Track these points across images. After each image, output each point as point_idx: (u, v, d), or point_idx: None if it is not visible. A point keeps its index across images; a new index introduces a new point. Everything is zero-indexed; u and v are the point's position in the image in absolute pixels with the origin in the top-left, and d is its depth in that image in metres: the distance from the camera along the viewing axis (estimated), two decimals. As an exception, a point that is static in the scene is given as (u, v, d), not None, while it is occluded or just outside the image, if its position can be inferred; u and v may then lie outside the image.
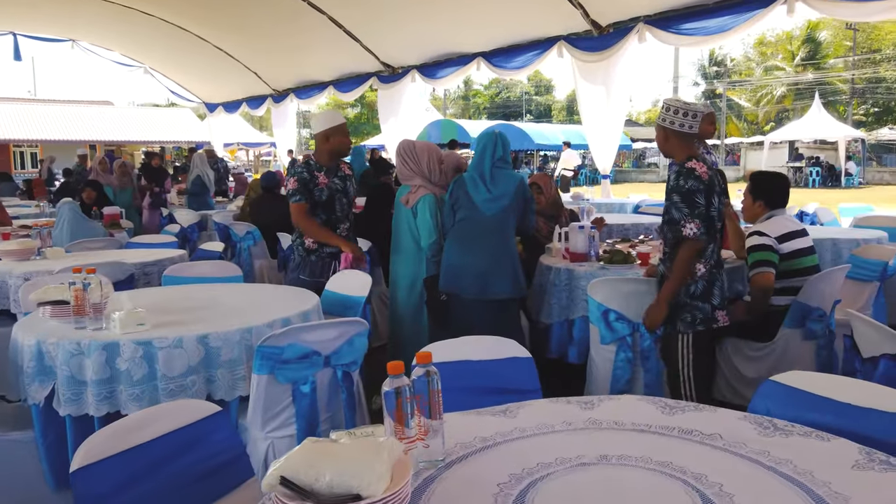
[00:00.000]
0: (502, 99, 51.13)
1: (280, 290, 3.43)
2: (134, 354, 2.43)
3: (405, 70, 11.67)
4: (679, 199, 2.90)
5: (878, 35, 42.06)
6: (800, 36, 42.37)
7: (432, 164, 3.89)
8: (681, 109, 3.00)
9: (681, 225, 2.89)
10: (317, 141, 3.94)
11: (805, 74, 41.32)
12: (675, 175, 2.98)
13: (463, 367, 2.02)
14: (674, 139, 3.02)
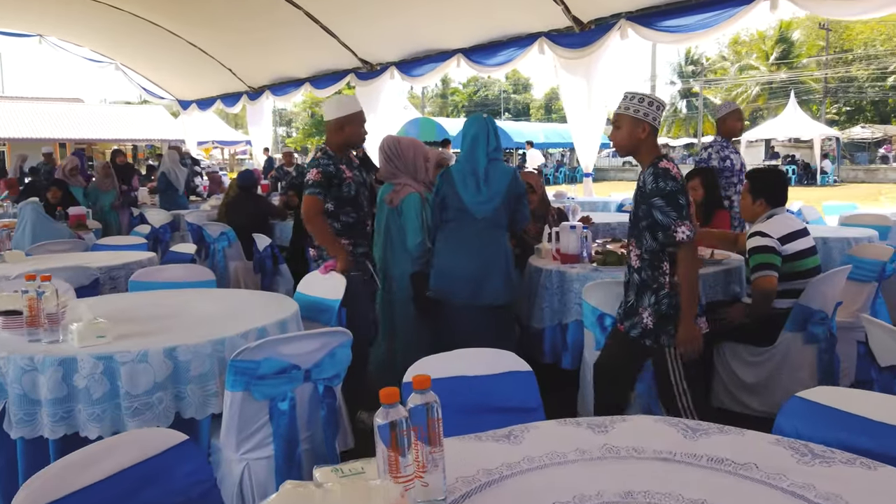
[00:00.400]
0: (480, 97, 51.03)
1: (256, 296, 3.21)
2: (93, 370, 2.21)
3: (383, 67, 11.49)
4: (664, 203, 2.61)
5: (849, 35, 42.69)
6: (773, 35, 42.84)
7: (418, 161, 3.70)
8: (646, 98, 2.68)
9: (672, 230, 2.59)
10: (329, 130, 3.53)
11: (779, 74, 41.78)
12: (651, 177, 2.65)
13: (458, 384, 1.84)
14: (637, 132, 2.67)
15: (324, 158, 3.44)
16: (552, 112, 49.93)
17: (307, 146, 42.76)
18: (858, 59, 41.39)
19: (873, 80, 40.92)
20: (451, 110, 50.08)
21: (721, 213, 4.33)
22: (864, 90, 41.64)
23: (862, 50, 41.64)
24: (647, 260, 2.73)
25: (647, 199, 2.67)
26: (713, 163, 4.82)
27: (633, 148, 2.72)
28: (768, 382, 3.32)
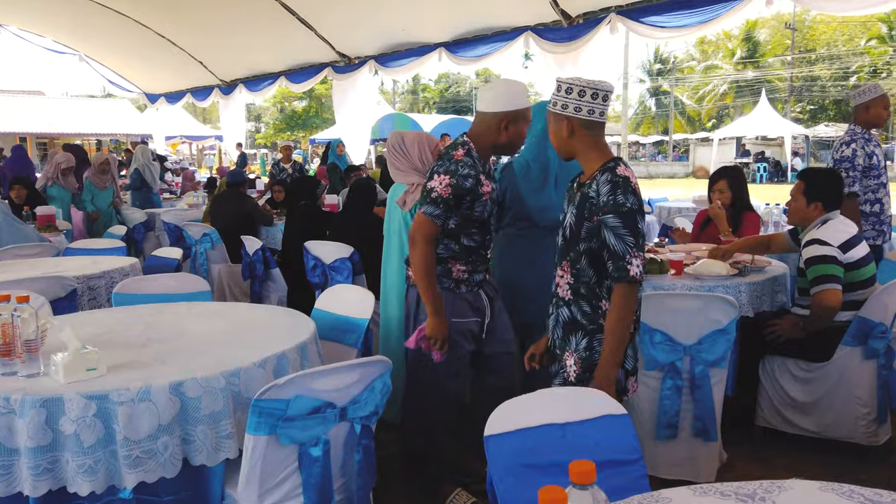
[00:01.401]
0: (452, 94, 50.64)
1: (262, 311, 2.83)
2: (84, 412, 1.82)
3: (362, 60, 11.12)
4: (620, 224, 2.01)
5: (813, 35, 43.43)
6: (739, 35, 43.36)
7: (424, 155, 3.35)
8: (563, 85, 2.11)
9: (626, 262, 2.01)
10: (484, 124, 2.60)
11: (745, 72, 42.30)
12: (608, 187, 2.05)
13: (550, 435, 1.51)
14: (560, 131, 2.16)
15: (466, 162, 2.52)
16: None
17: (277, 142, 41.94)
18: (822, 59, 42.13)
19: (836, 79, 41.68)
20: (422, 106, 49.64)
21: (750, 215, 4.07)
22: (826, 89, 42.38)
23: (825, 50, 42.38)
24: (584, 294, 2.16)
25: (596, 213, 2.06)
26: (858, 160, 4.10)
27: (567, 150, 2.20)
28: (822, 401, 3.07)
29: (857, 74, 40.31)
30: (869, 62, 40.52)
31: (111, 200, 7.67)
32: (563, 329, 2.22)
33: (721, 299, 2.72)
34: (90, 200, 7.40)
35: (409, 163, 3.34)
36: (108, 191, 7.68)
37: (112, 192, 7.74)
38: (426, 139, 3.38)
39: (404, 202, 3.27)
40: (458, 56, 9.85)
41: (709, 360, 2.76)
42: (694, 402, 2.79)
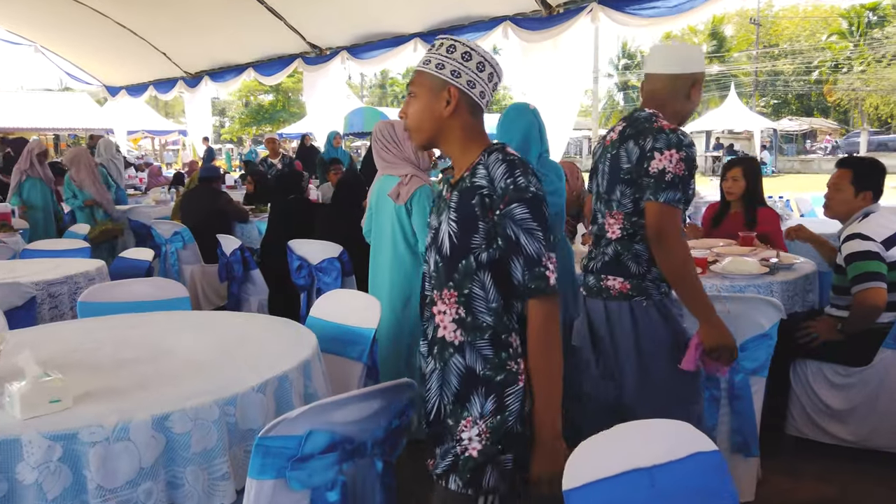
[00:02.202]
0: (420, 88, 50.13)
1: (253, 322, 2.49)
2: (48, 457, 1.49)
3: (333, 52, 10.83)
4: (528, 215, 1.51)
5: (776, 31, 44.10)
6: (704, 30, 43.80)
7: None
8: (487, 64, 1.58)
9: (542, 266, 1.51)
10: (671, 87, 2.16)
11: (711, 67, 42.73)
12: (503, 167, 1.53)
13: (638, 483, 1.23)
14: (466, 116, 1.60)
15: (681, 134, 2.07)
16: (493, 103, 49.58)
17: (242, 137, 41.05)
18: (785, 54, 42.81)
19: (798, 74, 42.39)
20: (390, 100, 49.12)
21: (767, 211, 3.84)
22: (790, 84, 43.08)
23: (788, 45, 43.07)
24: (484, 329, 1.56)
25: (493, 207, 1.53)
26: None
27: (432, 133, 1.62)
28: (860, 408, 2.85)
29: (818, 69, 41.02)
30: (830, 57, 41.27)
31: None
32: (456, 388, 1.58)
33: (765, 301, 2.47)
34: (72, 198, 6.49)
35: (400, 153, 3.04)
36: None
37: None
38: None
39: (398, 194, 2.96)
40: None
41: (749, 367, 2.51)
42: (733, 415, 2.55)
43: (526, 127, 2.83)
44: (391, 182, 3.06)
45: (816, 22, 43.77)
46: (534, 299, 1.52)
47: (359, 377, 2.36)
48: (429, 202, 2.97)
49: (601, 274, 2.15)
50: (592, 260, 2.22)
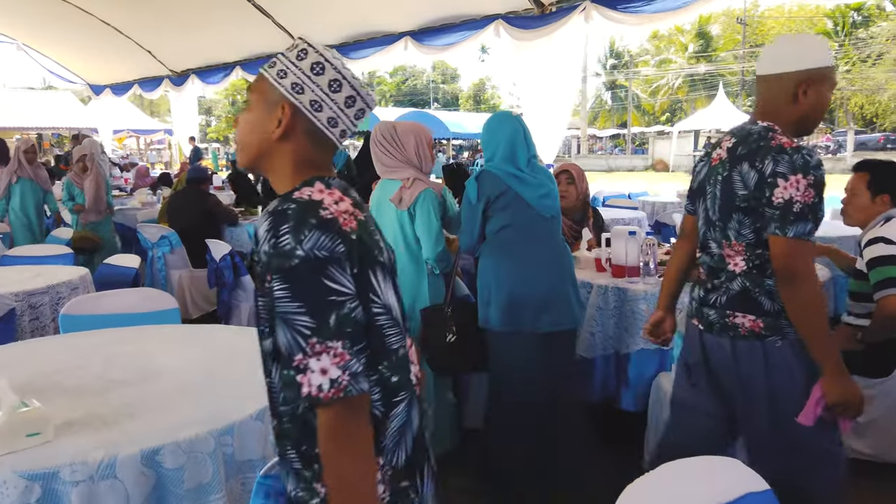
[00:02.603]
0: (409, 87, 50.07)
1: (245, 334, 2.35)
2: (25, 498, 1.34)
3: None
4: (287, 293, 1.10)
5: (762, 30, 44.35)
6: (691, 30, 43.96)
7: (421, 149, 2.93)
8: (345, 83, 1.24)
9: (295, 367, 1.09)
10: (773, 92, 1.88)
11: (698, 67, 42.93)
12: (267, 224, 1.15)
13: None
14: (303, 141, 1.25)
15: (806, 153, 1.79)
16: (480, 102, 49.58)
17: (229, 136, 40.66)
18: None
19: (784, 73, 42.59)
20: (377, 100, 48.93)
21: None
22: (775, 83, 43.28)
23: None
24: (291, 434, 1.21)
25: (262, 279, 1.16)
26: None
27: (257, 154, 1.28)
28: (879, 421, 2.75)
29: (804, 69, 41.22)
30: (816, 57, 41.48)
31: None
32: None
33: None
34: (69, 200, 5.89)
35: (402, 156, 2.91)
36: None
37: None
38: (422, 131, 2.95)
39: (400, 199, 2.83)
40: (425, 45, 9.52)
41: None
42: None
43: (511, 134, 2.73)
44: (392, 186, 2.93)
45: (802, 22, 44.06)
46: (320, 410, 1.10)
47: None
48: (433, 207, 2.84)
49: (726, 310, 1.92)
50: (711, 292, 1.97)
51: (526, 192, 2.65)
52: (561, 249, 2.76)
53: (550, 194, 2.73)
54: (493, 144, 2.77)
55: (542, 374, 2.62)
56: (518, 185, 2.66)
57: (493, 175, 2.69)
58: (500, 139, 2.76)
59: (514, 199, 2.65)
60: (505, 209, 2.65)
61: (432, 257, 2.83)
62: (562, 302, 2.61)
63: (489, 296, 2.67)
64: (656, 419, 2.83)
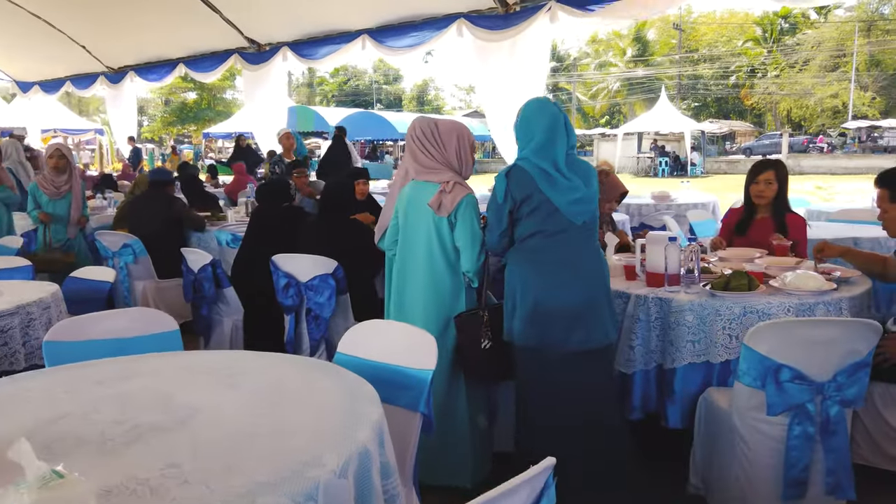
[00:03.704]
0: (351, 87, 49.34)
1: (284, 366, 2.01)
2: None
3: (274, 48, 10.28)
4: None
5: (696, 35, 45.72)
6: (629, 34, 44.93)
7: (463, 151, 2.67)
8: None
9: None
10: None
11: (636, 71, 43.90)
12: None
13: None
14: None
15: None
16: (424, 104, 49.33)
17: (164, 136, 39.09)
18: (705, 59, 44.45)
19: (717, 78, 44.06)
20: (319, 100, 48.05)
21: (795, 218, 3.62)
22: (709, 88, 44.72)
23: (707, 50, 44.73)
24: None
25: None
26: None
27: None
28: (934, 432, 2.64)
29: (736, 74, 42.75)
30: (746, 62, 43.10)
31: (68, 212, 5.19)
32: None
33: (863, 324, 2.21)
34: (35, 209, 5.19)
35: (443, 157, 2.64)
36: (65, 199, 5.18)
37: (69, 203, 5.17)
38: (464, 131, 2.69)
39: (440, 204, 2.55)
40: (385, 45, 9.24)
41: (848, 398, 2.25)
42: (826, 453, 2.27)
43: (550, 123, 2.48)
44: (427, 189, 2.65)
45: (733, 28, 45.64)
46: None
47: (416, 430, 1.95)
48: (476, 215, 2.59)
49: None
50: None
51: (556, 195, 2.42)
52: (596, 258, 2.55)
53: (584, 198, 2.49)
54: (528, 134, 2.53)
55: (572, 396, 2.41)
56: (548, 187, 2.42)
57: (523, 172, 2.46)
58: (537, 129, 2.51)
59: (542, 203, 2.44)
60: (532, 214, 2.44)
61: (473, 269, 2.57)
62: (594, 317, 2.42)
63: (514, 307, 2.46)
64: (703, 436, 2.65)
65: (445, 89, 54.38)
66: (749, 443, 2.36)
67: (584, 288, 2.43)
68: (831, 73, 38.70)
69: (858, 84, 37.13)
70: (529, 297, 2.45)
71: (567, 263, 2.44)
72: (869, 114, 36.17)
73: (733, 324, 2.61)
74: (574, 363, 2.40)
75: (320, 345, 3.54)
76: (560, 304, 2.41)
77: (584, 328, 2.41)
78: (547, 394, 2.43)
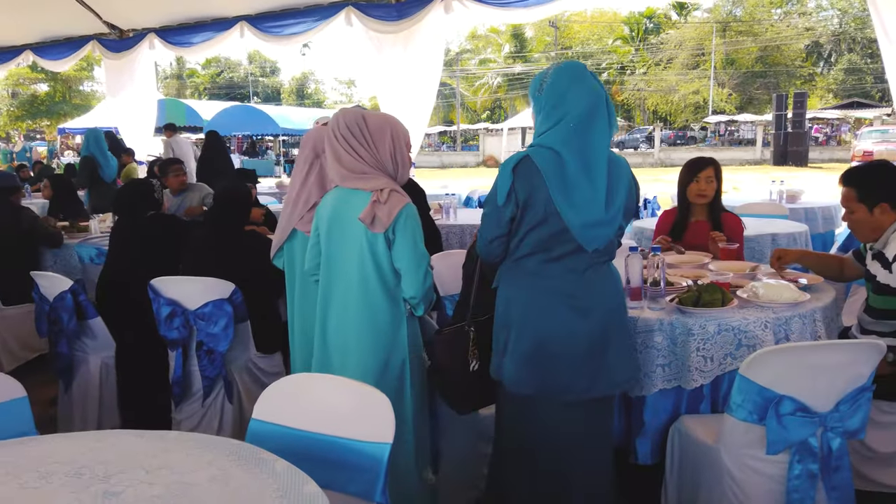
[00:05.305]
0: (225, 79, 46.82)
1: (173, 447, 1.46)
2: None
3: (139, 34, 9.39)
4: None
5: (569, 33, 47.32)
6: (506, 31, 45.78)
7: (399, 151, 2.17)
8: None
9: None
10: None
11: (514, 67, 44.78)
12: None
13: None
14: None
15: None
16: (304, 97, 47.74)
17: (10, 132, 35.29)
18: (578, 56, 46.09)
19: (590, 75, 45.84)
20: (189, 93, 45.28)
21: (732, 217, 3.43)
22: (584, 83, 46.44)
23: (581, 47, 46.41)
24: None
25: None
26: None
27: None
28: (911, 448, 2.47)
29: (607, 71, 44.57)
30: (616, 60, 45.06)
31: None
32: None
33: (872, 346, 1.95)
34: None
35: (374, 159, 2.13)
36: None
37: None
38: (398, 126, 2.18)
39: (373, 217, 2.04)
40: (267, 33, 8.63)
41: (851, 428, 1.99)
42: (829, 491, 2.01)
43: (591, 100, 1.91)
44: (355, 199, 2.11)
45: (603, 27, 47.56)
46: None
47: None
48: (419, 229, 2.10)
49: None
50: None
51: (569, 211, 1.87)
52: (610, 288, 2.05)
53: (603, 221, 1.91)
54: (555, 111, 1.92)
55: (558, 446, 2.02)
56: (562, 197, 1.86)
57: (534, 170, 1.88)
58: (571, 105, 1.90)
59: (549, 217, 1.89)
60: (535, 228, 1.91)
61: (419, 294, 2.09)
62: (600, 362, 1.97)
63: (506, 342, 1.99)
64: (678, 472, 2.34)
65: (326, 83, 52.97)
66: (742, 484, 2.06)
67: (594, 326, 1.96)
68: (693, 70, 41.18)
69: (717, 81, 39.73)
70: (527, 336, 1.97)
71: (575, 295, 1.96)
72: (727, 109, 38.79)
73: (707, 344, 2.30)
74: (570, 414, 1.98)
75: (215, 385, 2.93)
76: (564, 349, 1.95)
77: (589, 376, 1.96)
78: (531, 443, 2.02)
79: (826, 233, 5.93)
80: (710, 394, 2.42)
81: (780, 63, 40.49)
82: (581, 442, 2.02)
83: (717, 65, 40.27)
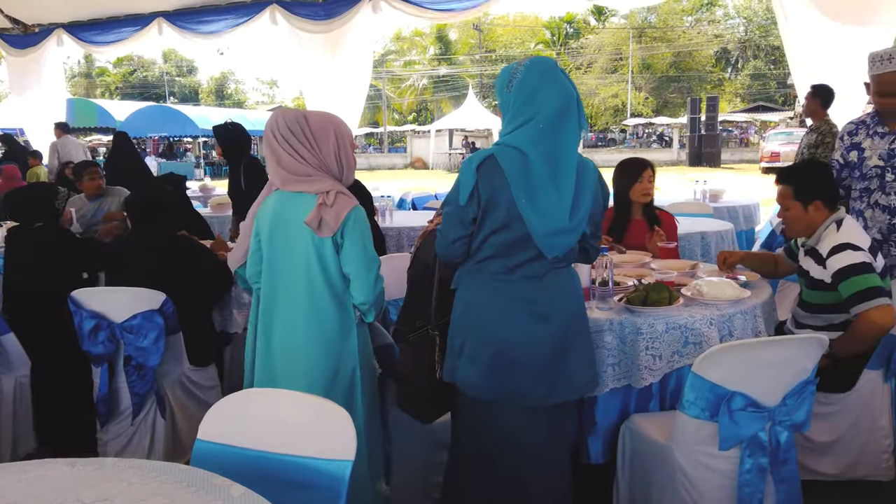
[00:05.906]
0: (138, 79, 44.88)
1: (112, 476, 1.32)
2: None
3: (46, 30, 8.95)
4: None
5: (493, 36, 47.91)
6: (431, 33, 45.94)
7: (344, 151, 2.08)
8: None
9: None
10: None
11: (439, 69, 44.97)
12: None
13: None
14: None
15: None
16: (223, 98, 46.37)
17: None
18: (502, 59, 46.73)
19: (513, 78, 46.55)
20: (100, 93, 43.20)
21: (664, 215, 3.49)
22: (507, 86, 47.13)
23: (504, 51, 47.08)
24: None
25: None
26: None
27: None
28: (844, 438, 2.57)
29: (530, 74, 45.39)
30: (538, 63, 45.98)
31: None
32: None
33: (815, 340, 2.00)
34: None
35: (317, 160, 2.04)
36: None
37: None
38: (342, 125, 2.10)
39: (320, 221, 1.94)
40: (187, 30, 8.36)
41: (797, 421, 2.04)
42: (777, 483, 2.05)
43: (562, 100, 1.84)
44: (299, 202, 2.01)
45: (525, 31, 48.40)
46: None
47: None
48: (368, 231, 2.01)
49: None
50: None
51: (532, 216, 1.81)
52: (570, 293, 2.01)
53: (566, 230, 1.86)
54: (526, 109, 1.83)
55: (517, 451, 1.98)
56: (526, 202, 1.80)
57: (499, 170, 1.81)
58: (542, 104, 1.83)
59: (511, 222, 1.84)
60: (496, 232, 1.85)
61: (369, 300, 2.01)
62: (560, 368, 1.93)
63: (462, 345, 1.93)
64: (629, 470, 2.35)
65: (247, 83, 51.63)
66: (694, 480, 2.08)
67: (554, 331, 1.92)
68: (611, 75, 42.46)
69: (634, 85, 41.11)
70: (487, 341, 1.91)
71: (535, 301, 1.91)
72: (644, 112, 40.19)
73: (656, 342, 2.32)
74: (529, 420, 1.94)
75: (146, 402, 2.75)
76: (524, 354, 1.90)
77: (549, 382, 1.92)
78: (487, 449, 1.97)
79: (748, 230, 6.18)
80: (658, 392, 2.44)
81: (692, 68, 42.28)
82: (541, 446, 2.00)
83: (634, 69, 41.65)
